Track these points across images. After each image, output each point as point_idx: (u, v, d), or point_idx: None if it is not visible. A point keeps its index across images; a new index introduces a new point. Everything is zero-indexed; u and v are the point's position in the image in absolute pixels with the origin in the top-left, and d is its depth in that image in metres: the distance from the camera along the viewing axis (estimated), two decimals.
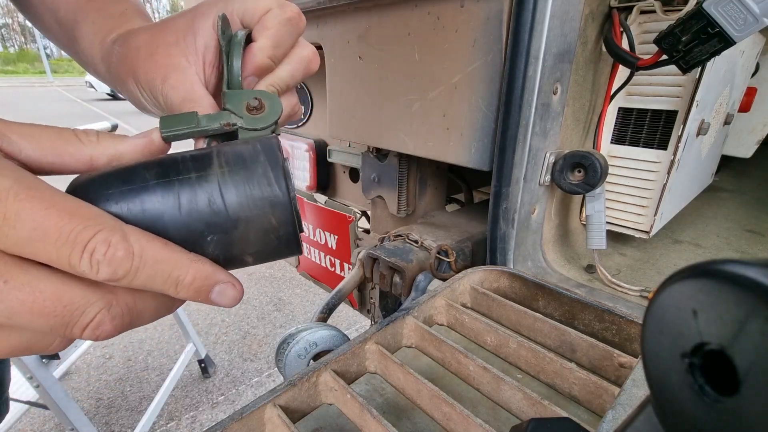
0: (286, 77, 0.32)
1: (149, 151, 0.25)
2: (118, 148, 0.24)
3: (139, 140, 0.25)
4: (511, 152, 0.57)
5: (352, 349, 0.42)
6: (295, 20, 0.31)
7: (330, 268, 1.19)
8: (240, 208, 0.22)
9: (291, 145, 1.14)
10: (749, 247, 0.88)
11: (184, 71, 0.30)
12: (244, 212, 0.23)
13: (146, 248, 0.20)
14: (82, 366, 1.99)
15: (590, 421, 0.38)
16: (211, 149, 0.24)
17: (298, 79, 0.33)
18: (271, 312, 2.42)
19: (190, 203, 0.22)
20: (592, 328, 0.48)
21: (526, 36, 0.51)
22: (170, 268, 0.21)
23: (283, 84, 0.32)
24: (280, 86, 0.31)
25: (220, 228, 0.22)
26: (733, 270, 0.11)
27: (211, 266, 0.22)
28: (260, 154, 0.24)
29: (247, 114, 0.28)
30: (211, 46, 0.31)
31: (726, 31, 0.47)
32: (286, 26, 0.30)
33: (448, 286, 0.53)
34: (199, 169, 0.23)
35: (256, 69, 0.30)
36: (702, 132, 0.70)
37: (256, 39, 0.30)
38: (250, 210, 0.23)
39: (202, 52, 0.30)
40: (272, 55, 0.30)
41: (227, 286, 0.23)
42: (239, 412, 0.33)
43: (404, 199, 0.87)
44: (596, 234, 0.66)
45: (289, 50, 0.32)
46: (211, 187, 0.22)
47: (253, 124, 0.28)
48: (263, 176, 0.23)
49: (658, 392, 0.14)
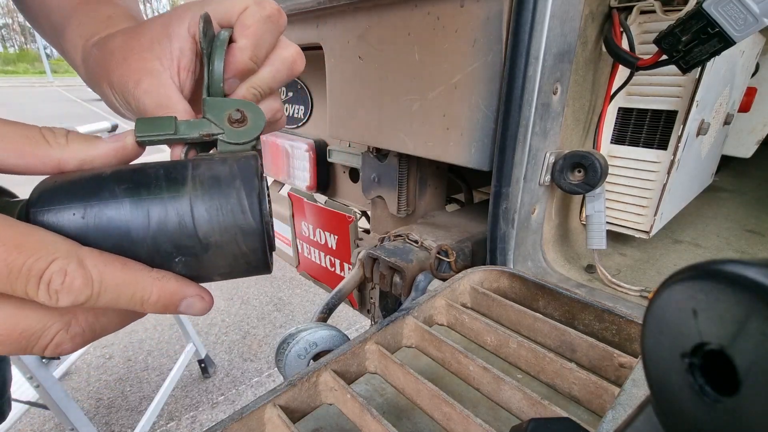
0: (268, 79, 0.31)
1: (122, 156, 0.24)
2: (89, 152, 0.23)
3: (111, 144, 0.24)
4: (511, 152, 0.57)
5: (352, 349, 0.42)
6: (275, 17, 0.30)
7: (330, 268, 1.19)
8: (211, 233, 0.22)
9: (291, 145, 1.14)
10: (749, 247, 0.88)
11: (158, 75, 0.29)
12: (214, 237, 0.22)
13: (105, 273, 0.19)
14: (82, 366, 1.99)
15: (590, 421, 0.38)
16: (186, 165, 0.23)
17: (281, 82, 0.32)
18: (271, 312, 2.42)
19: (159, 224, 0.21)
20: (592, 328, 0.48)
21: (526, 36, 0.51)
22: (133, 290, 0.20)
23: (266, 87, 0.31)
24: (262, 89, 0.30)
25: (189, 251, 0.22)
26: (733, 270, 0.11)
27: (177, 282, 0.22)
28: (236, 179, 0.23)
29: (228, 126, 0.27)
30: (186, 50, 0.30)
31: (726, 31, 0.47)
32: (266, 24, 0.29)
33: (448, 286, 0.53)
34: (171, 188, 0.22)
35: (238, 71, 0.29)
36: (702, 132, 0.70)
37: (236, 39, 0.29)
38: (221, 236, 0.22)
39: (177, 57, 0.29)
40: (253, 55, 0.29)
41: (195, 299, 0.23)
42: (239, 412, 0.33)
43: (404, 199, 0.87)
44: (596, 234, 0.66)
45: (271, 50, 0.31)
46: (183, 208, 0.22)
47: (235, 137, 0.27)
48: (237, 203, 0.22)
49: (658, 392, 0.14)
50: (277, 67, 0.31)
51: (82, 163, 0.23)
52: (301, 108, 1.16)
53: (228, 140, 0.27)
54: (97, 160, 0.23)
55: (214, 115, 0.27)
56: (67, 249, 0.19)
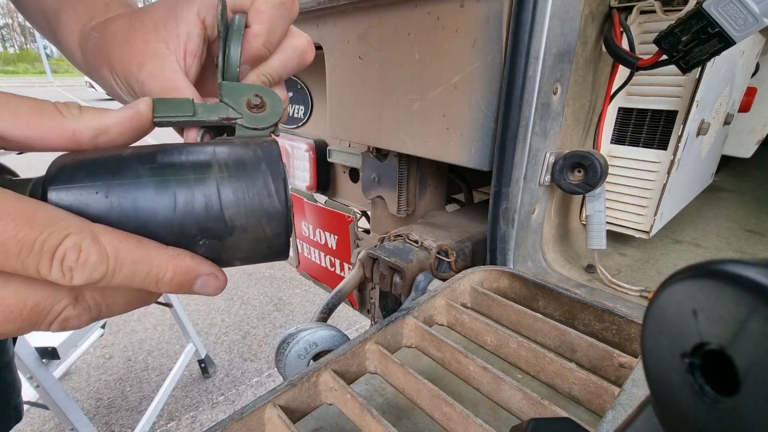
0: (278, 67, 0.30)
1: (137, 124, 0.23)
2: (103, 121, 0.22)
3: (125, 112, 0.23)
4: (511, 152, 0.57)
5: (352, 349, 0.42)
6: (288, 4, 0.29)
7: (330, 268, 1.19)
8: (237, 216, 0.22)
9: (291, 145, 1.14)
10: (749, 247, 0.88)
11: (164, 59, 0.28)
12: (240, 221, 0.22)
13: (120, 249, 0.19)
14: (82, 366, 1.99)
15: (590, 421, 0.38)
16: (208, 147, 0.23)
17: (290, 71, 0.31)
18: (271, 312, 2.42)
19: (186, 205, 0.21)
20: (592, 328, 0.48)
21: (526, 36, 0.51)
22: (148, 267, 0.20)
23: (276, 75, 0.30)
24: (272, 77, 0.30)
25: (213, 233, 0.22)
26: (733, 270, 0.11)
27: (192, 259, 0.21)
28: (262, 162, 0.23)
29: (247, 111, 0.27)
30: (194, 34, 0.29)
31: (726, 31, 0.47)
32: (279, 10, 0.29)
33: (448, 286, 0.53)
34: (197, 170, 0.21)
35: (251, 57, 0.29)
36: (702, 132, 0.70)
37: (249, 25, 0.28)
38: (247, 219, 0.22)
39: (183, 41, 0.29)
40: (267, 41, 0.29)
41: (210, 278, 0.22)
42: (239, 412, 0.33)
43: (404, 199, 0.87)
44: (596, 234, 0.66)
45: (283, 37, 0.31)
46: (210, 190, 0.21)
47: (254, 122, 0.27)
48: (264, 187, 0.22)
49: (658, 392, 0.14)
50: (289, 55, 0.31)
51: (97, 133, 0.22)
52: (301, 108, 1.16)
53: (247, 125, 0.27)
54: (112, 128, 0.22)
55: (232, 99, 0.27)
56: (80, 225, 0.18)
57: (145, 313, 2.36)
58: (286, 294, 2.59)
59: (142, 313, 2.36)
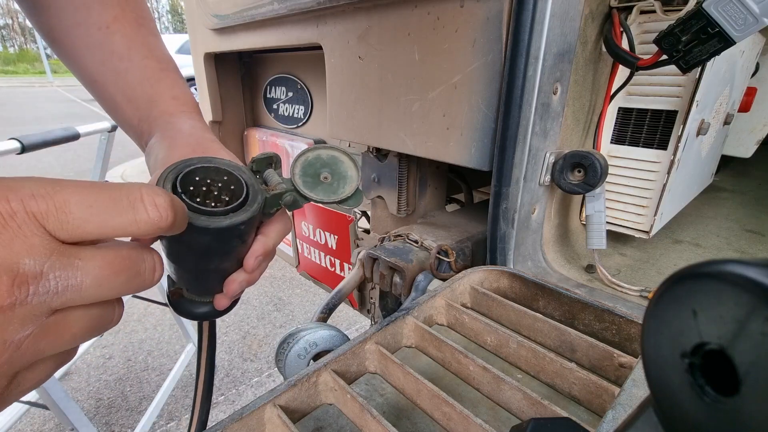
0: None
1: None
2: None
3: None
4: (511, 152, 0.57)
5: (352, 349, 0.42)
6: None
7: (330, 268, 1.19)
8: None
9: (291, 144, 1.14)
10: (749, 247, 0.88)
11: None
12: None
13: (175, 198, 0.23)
14: (82, 366, 1.99)
15: (590, 421, 0.38)
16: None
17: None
18: (271, 312, 2.42)
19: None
20: (592, 328, 0.48)
21: (526, 36, 0.51)
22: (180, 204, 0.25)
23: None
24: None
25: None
26: (733, 270, 0.11)
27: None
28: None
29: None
30: None
31: (726, 31, 0.47)
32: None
33: (448, 286, 0.53)
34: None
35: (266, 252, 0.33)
36: (702, 132, 0.70)
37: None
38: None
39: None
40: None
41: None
42: (239, 412, 0.33)
43: (404, 199, 0.87)
44: (596, 234, 0.66)
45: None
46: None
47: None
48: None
49: (658, 392, 0.14)
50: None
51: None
52: (301, 108, 1.16)
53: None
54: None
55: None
56: (139, 183, 0.22)
57: (145, 313, 2.36)
58: (285, 294, 2.59)
59: (142, 313, 2.36)
